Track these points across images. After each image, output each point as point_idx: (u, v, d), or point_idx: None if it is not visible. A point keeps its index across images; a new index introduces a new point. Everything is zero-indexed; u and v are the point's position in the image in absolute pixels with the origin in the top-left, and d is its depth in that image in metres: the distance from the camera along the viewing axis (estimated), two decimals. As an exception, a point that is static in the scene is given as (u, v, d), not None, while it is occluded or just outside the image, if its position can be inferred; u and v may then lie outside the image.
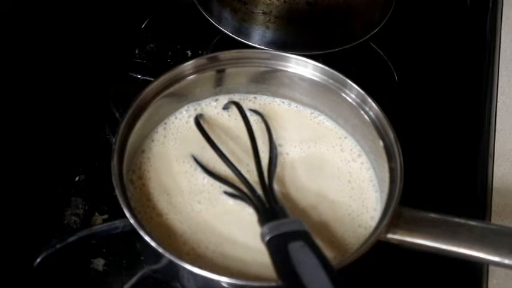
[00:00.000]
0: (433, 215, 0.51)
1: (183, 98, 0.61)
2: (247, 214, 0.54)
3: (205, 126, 0.59)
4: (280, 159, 0.59)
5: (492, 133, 0.68)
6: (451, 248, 0.49)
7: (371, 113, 0.58)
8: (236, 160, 0.57)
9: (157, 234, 0.53)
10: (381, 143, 0.56)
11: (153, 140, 0.59)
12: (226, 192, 0.56)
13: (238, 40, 0.69)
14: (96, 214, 0.60)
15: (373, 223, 0.54)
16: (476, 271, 0.58)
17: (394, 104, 0.67)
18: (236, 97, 0.62)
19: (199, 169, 0.57)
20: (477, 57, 0.75)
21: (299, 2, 0.66)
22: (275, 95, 0.63)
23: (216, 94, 0.62)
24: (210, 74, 0.60)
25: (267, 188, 0.53)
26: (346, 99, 0.59)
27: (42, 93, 0.67)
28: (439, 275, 0.57)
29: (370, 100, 0.58)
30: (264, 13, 0.67)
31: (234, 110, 0.61)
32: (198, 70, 0.60)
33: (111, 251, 0.58)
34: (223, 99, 0.62)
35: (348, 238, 0.54)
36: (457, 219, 0.51)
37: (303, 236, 0.48)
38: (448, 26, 0.79)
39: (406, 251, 0.51)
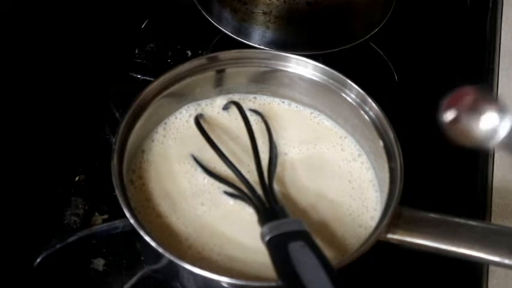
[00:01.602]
0: (433, 215, 0.51)
1: (183, 98, 0.61)
2: (247, 214, 0.54)
3: (205, 126, 0.59)
4: (280, 159, 0.59)
5: (492, 133, 0.68)
6: (451, 248, 0.49)
7: (371, 113, 0.58)
8: (236, 160, 0.57)
9: (158, 234, 0.53)
10: (381, 143, 0.56)
11: (153, 140, 0.59)
12: (226, 192, 0.56)
13: (238, 40, 0.69)
14: (96, 214, 0.60)
15: (373, 223, 0.54)
16: (476, 271, 0.57)
17: (394, 104, 0.67)
18: (236, 97, 0.62)
19: (199, 169, 0.57)
20: (477, 57, 0.75)
21: (299, 2, 0.66)
22: (275, 95, 0.63)
23: (216, 94, 0.62)
24: (210, 74, 0.60)
25: (267, 188, 0.53)
26: (346, 99, 0.59)
27: (42, 94, 0.67)
28: (439, 275, 0.57)
29: (370, 100, 0.58)
30: (264, 13, 0.67)
31: (234, 110, 0.61)
32: (198, 70, 0.60)
33: (111, 251, 0.58)
34: (223, 99, 0.62)
35: (348, 238, 0.54)
36: (457, 219, 0.51)
37: (303, 236, 0.48)
38: (448, 26, 0.79)
39: (406, 251, 0.51)
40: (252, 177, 0.55)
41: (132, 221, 0.49)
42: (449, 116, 0.39)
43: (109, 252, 0.58)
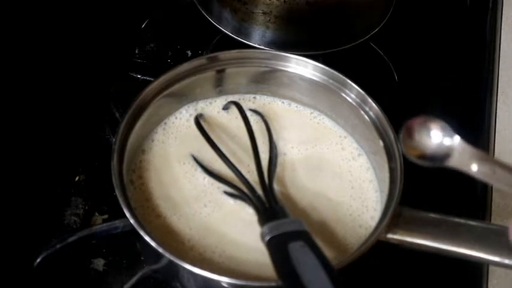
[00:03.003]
0: (433, 215, 0.51)
1: (183, 98, 0.61)
2: (247, 214, 0.54)
3: (205, 126, 0.59)
4: (280, 159, 0.59)
5: (492, 133, 0.68)
6: (451, 248, 0.49)
7: (371, 113, 0.58)
8: (236, 160, 0.57)
9: (158, 234, 0.53)
10: (381, 143, 0.56)
11: (153, 140, 0.59)
12: (226, 192, 0.56)
13: (238, 40, 0.69)
14: (96, 214, 0.60)
15: (373, 223, 0.54)
16: (476, 271, 0.58)
17: (394, 104, 0.67)
18: (236, 97, 0.62)
19: (199, 169, 0.57)
20: (477, 57, 0.75)
21: (299, 2, 0.66)
22: (275, 95, 0.63)
23: (216, 94, 0.62)
24: (210, 74, 0.60)
25: (267, 188, 0.53)
26: (346, 99, 0.59)
27: (42, 94, 0.67)
28: (439, 275, 0.57)
29: (370, 100, 0.58)
30: (264, 13, 0.67)
31: (234, 110, 0.61)
32: (198, 70, 0.60)
33: (111, 251, 0.58)
34: (223, 99, 0.62)
35: (348, 238, 0.54)
36: (457, 219, 0.51)
37: (303, 236, 0.48)
38: (448, 26, 0.79)
39: (406, 251, 0.51)
40: (252, 177, 0.55)
41: (132, 221, 0.49)
42: (404, 133, 0.45)
43: (109, 252, 0.58)
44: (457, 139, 0.44)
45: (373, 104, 0.57)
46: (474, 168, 0.44)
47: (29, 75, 0.67)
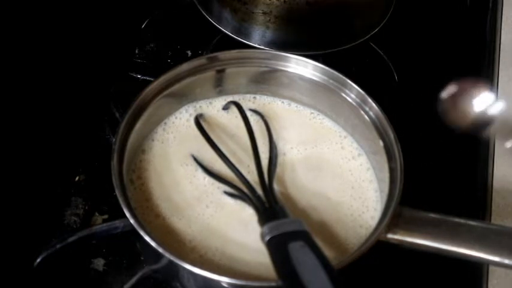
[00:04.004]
0: (433, 215, 0.51)
1: (183, 98, 0.61)
2: (247, 214, 0.54)
3: (205, 126, 0.59)
4: (280, 159, 0.59)
5: (492, 133, 0.68)
6: (451, 248, 0.49)
7: (371, 113, 0.58)
8: (236, 160, 0.57)
9: (158, 234, 0.53)
10: (381, 143, 0.56)
11: (153, 140, 0.59)
12: (226, 192, 0.56)
13: (238, 40, 0.69)
14: (96, 214, 0.60)
15: (373, 223, 0.54)
16: (476, 271, 0.58)
17: (394, 104, 0.67)
18: (236, 97, 0.62)
19: (199, 169, 0.57)
20: (477, 57, 0.75)
21: (299, 2, 0.66)
22: (275, 95, 0.63)
23: (216, 94, 0.62)
24: (210, 74, 0.60)
25: (267, 188, 0.53)
26: (346, 99, 0.59)
27: (42, 94, 0.67)
28: (439, 275, 0.57)
29: (370, 100, 0.58)
30: (264, 13, 0.67)
31: (234, 110, 0.61)
32: (198, 70, 0.60)
33: (111, 251, 0.58)
34: (223, 99, 0.62)
35: (348, 238, 0.54)
36: (457, 219, 0.51)
37: (303, 236, 0.48)
38: (448, 26, 0.79)
39: (406, 251, 0.51)
40: (252, 177, 0.55)
41: (132, 221, 0.49)
42: (446, 94, 0.41)
43: (109, 252, 0.58)
44: (499, 104, 0.42)
45: (373, 104, 0.57)
46: None
47: (29, 75, 0.67)
